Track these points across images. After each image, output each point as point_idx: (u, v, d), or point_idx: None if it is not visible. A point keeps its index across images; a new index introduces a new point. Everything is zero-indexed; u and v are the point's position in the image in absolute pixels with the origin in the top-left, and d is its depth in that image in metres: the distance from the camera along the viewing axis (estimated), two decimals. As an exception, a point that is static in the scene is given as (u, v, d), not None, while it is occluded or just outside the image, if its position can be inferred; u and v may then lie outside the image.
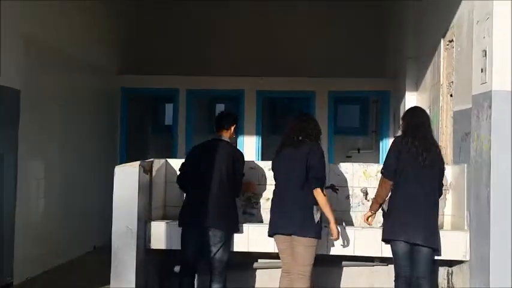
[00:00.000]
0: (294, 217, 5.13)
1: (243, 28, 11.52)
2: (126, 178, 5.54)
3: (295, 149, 5.24)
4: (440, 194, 5.35)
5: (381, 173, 5.34)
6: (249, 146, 10.56)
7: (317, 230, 5.16)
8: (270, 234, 5.35)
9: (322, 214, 5.18)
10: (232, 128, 5.74)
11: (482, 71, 4.38)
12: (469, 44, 5.42)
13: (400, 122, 5.60)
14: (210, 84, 10.73)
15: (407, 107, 8.16)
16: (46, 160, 7.71)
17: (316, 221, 5.13)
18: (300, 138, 5.28)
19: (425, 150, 5.11)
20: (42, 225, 7.49)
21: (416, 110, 5.63)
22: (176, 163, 6.21)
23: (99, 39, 9.59)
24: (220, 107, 13.61)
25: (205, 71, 10.83)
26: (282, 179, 5.29)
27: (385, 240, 5.27)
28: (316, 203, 5.16)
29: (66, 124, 8.24)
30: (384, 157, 9.93)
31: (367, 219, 5.51)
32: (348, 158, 12.24)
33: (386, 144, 10.37)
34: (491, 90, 4.23)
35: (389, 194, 5.28)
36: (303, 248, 5.15)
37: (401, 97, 8.99)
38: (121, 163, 8.90)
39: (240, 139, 10.60)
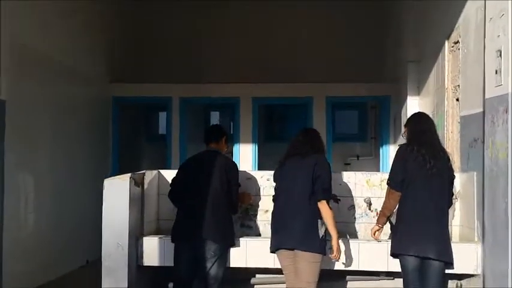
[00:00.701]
0: (296, 231, 4.86)
1: (237, 34, 11.34)
2: (116, 191, 5.25)
3: (301, 159, 5.02)
4: (450, 204, 5.09)
5: (387, 184, 5.05)
6: (245, 155, 10.29)
7: (321, 245, 4.89)
8: (273, 250, 5.07)
9: (327, 228, 4.91)
10: (223, 140, 5.56)
11: (496, 73, 4.07)
12: (477, 44, 5.17)
13: (403, 130, 5.32)
14: (204, 91, 10.50)
15: (409, 112, 8.02)
16: (35, 173, 7.40)
17: (320, 235, 4.86)
18: (305, 150, 5.06)
19: (432, 157, 4.83)
20: (32, 240, 7.20)
21: (419, 116, 5.35)
22: (169, 174, 5.92)
23: (90, 46, 9.32)
24: (215, 115, 13.44)
25: (199, 79, 10.60)
26: (285, 190, 5.02)
27: (394, 254, 4.96)
28: (321, 217, 4.88)
29: (56, 135, 7.95)
30: (384, 164, 10.03)
31: (375, 234, 5.20)
32: (347, 165, 12.10)
33: (386, 150, 10.21)
34: (508, 93, 3.93)
35: (397, 205, 4.99)
36: (306, 264, 4.86)
37: (402, 102, 8.75)
38: (113, 174, 8.70)
39: (235, 148, 10.37)
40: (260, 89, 10.40)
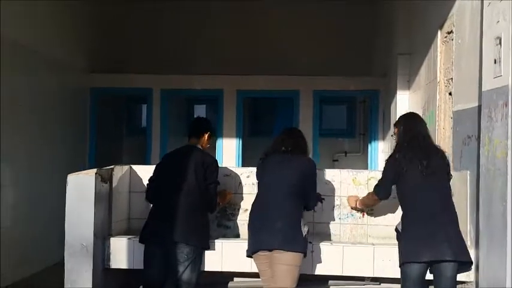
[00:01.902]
0: (279, 229, 4.51)
1: (222, 24, 11.03)
2: (80, 188, 4.88)
3: (288, 158, 4.75)
4: None
5: (374, 189, 4.94)
6: (229, 150, 9.96)
7: (304, 245, 4.57)
8: (251, 253, 4.68)
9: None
10: (206, 136, 5.19)
11: (495, 62, 3.70)
12: (473, 33, 4.84)
13: (393, 130, 5.06)
14: (186, 83, 10.13)
15: (398, 107, 7.82)
16: (7, 167, 6.98)
17: (303, 234, 4.55)
18: (290, 149, 4.80)
19: (425, 158, 4.57)
20: (5, 236, 6.80)
21: (413, 118, 5.04)
22: (142, 170, 5.57)
23: (68, 35, 8.88)
24: (198, 108, 13.09)
25: (181, 70, 10.26)
26: (268, 188, 4.70)
27: (404, 264, 4.55)
28: (303, 217, 4.66)
29: (30, 128, 7.54)
30: (373, 161, 9.84)
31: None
32: (335, 162, 11.83)
33: (375, 147, 9.99)
34: (508, 85, 3.56)
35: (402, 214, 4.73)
36: (286, 267, 4.48)
37: (391, 97, 8.44)
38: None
39: (219, 142, 10.02)
40: (245, 82, 10.06)
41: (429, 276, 4.54)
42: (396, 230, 4.70)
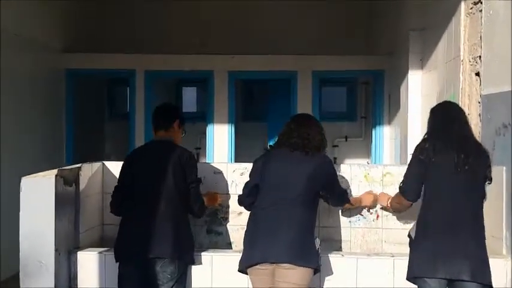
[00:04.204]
0: (288, 240, 3.89)
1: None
2: (37, 194, 4.07)
3: (293, 155, 4.06)
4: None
5: (399, 188, 4.24)
6: (220, 138, 9.38)
7: (317, 259, 3.98)
8: (243, 268, 4.01)
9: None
10: (176, 126, 4.45)
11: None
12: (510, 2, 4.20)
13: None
14: (173, 64, 9.48)
15: (410, 88, 7.26)
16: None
17: (316, 247, 3.98)
18: (297, 145, 4.09)
19: (462, 150, 3.90)
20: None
21: (445, 104, 4.48)
22: (116, 167, 4.75)
23: (39, 8, 8.16)
24: (187, 91, 12.55)
25: (167, 49, 9.68)
26: (275, 190, 4.02)
27: (414, 278, 3.95)
28: (314, 226, 4.10)
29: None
30: (377, 147, 9.27)
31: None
32: (335, 147, 11.33)
33: (379, 131, 9.37)
34: None
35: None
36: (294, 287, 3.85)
37: (401, 77, 7.76)
38: (68, 163, 7.73)
39: (209, 129, 9.44)
40: (237, 62, 9.47)
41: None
42: (409, 236, 4.11)
